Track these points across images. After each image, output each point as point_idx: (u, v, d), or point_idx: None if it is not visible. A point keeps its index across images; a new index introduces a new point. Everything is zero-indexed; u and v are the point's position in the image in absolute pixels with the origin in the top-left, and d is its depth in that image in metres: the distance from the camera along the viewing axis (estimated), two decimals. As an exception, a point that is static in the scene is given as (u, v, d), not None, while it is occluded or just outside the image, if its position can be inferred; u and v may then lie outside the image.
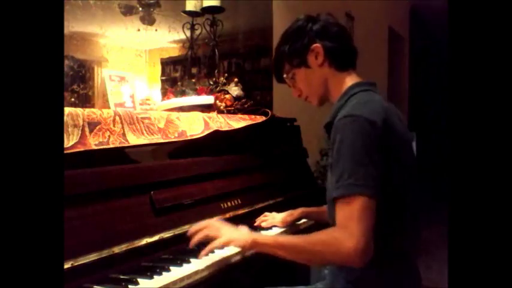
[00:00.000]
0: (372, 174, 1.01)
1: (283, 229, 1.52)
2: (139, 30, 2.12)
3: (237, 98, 1.90)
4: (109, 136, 1.22)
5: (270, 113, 1.91)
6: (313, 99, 1.30)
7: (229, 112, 1.84)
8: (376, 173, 1.02)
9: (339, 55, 1.23)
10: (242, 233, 1.15)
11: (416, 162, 1.19)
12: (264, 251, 1.11)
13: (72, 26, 1.78)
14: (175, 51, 2.40)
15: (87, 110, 1.20)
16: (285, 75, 1.30)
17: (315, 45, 1.22)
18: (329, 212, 1.20)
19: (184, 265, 1.11)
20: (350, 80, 1.22)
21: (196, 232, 1.17)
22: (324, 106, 1.32)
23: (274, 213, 1.57)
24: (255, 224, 1.53)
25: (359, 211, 0.99)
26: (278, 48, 1.30)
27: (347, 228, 0.99)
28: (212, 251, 1.17)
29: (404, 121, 1.23)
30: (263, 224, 1.52)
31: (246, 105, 1.92)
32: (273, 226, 1.52)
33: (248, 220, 1.51)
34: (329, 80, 1.24)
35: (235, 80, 1.97)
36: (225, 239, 1.13)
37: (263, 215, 1.57)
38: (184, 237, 1.27)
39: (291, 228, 1.54)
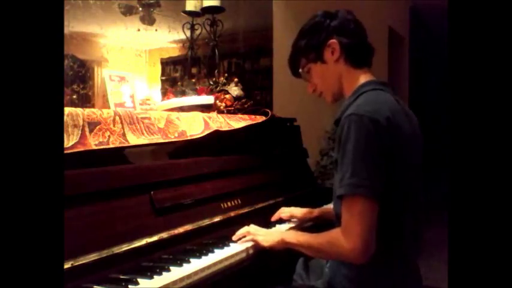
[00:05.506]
0: (374, 174, 1.02)
1: (293, 224, 1.57)
2: (139, 30, 2.11)
3: (237, 98, 1.89)
4: (109, 136, 1.22)
5: (270, 113, 1.90)
6: (327, 95, 1.31)
7: (229, 112, 1.84)
8: (378, 172, 1.03)
9: (355, 52, 1.25)
10: (274, 235, 1.30)
11: (422, 163, 1.19)
12: (290, 248, 1.24)
13: (72, 26, 1.78)
14: (175, 51, 2.40)
15: (87, 110, 1.20)
16: (300, 70, 1.32)
17: (331, 40, 1.24)
18: (334, 208, 1.22)
19: (184, 265, 1.10)
20: (363, 78, 1.24)
21: (241, 233, 1.33)
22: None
23: (292, 208, 1.60)
24: (272, 220, 1.58)
25: (359, 212, 1.03)
26: (295, 43, 1.32)
27: (347, 230, 1.05)
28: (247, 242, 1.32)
29: (416, 122, 1.23)
30: (282, 215, 1.58)
31: (246, 105, 1.92)
32: (291, 218, 1.58)
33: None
34: (343, 76, 1.25)
35: (235, 80, 1.97)
36: (261, 238, 1.29)
37: (281, 209, 1.61)
38: (185, 237, 1.28)
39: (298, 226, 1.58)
